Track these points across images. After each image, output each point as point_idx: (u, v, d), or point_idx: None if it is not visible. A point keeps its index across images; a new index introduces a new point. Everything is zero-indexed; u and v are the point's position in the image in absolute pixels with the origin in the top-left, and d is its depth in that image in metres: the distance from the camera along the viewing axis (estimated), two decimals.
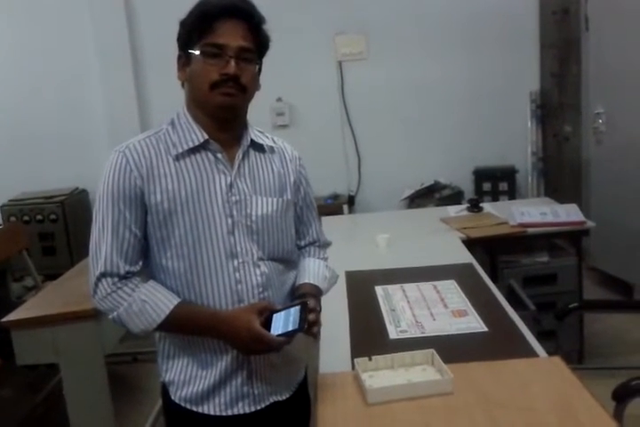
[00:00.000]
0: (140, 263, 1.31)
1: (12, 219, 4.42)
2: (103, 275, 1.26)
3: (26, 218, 4.44)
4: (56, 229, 4.48)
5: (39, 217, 4.45)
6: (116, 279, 1.26)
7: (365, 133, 4.76)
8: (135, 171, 1.27)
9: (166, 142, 1.32)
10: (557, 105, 4.45)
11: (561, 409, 1.33)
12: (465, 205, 3.20)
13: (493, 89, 4.67)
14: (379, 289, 2.14)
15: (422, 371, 1.52)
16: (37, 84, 4.59)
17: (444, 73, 4.63)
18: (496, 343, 1.70)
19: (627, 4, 3.40)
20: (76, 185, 4.71)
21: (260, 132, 1.43)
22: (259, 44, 1.32)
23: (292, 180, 1.42)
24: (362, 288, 2.16)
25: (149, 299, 1.26)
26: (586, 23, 3.84)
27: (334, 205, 4.48)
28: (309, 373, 1.53)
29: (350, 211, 4.64)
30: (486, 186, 4.65)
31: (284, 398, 1.39)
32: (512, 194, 4.62)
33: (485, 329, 1.77)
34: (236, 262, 1.31)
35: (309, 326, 1.25)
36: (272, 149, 1.42)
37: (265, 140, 1.41)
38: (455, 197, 4.31)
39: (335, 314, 1.90)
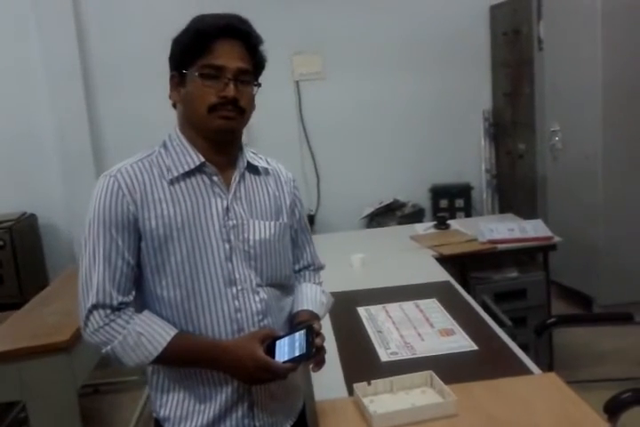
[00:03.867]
0: (133, 293, 1.24)
1: None
2: (95, 307, 1.18)
3: None
4: (3, 256, 4.25)
5: None
6: (108, 311, 1.19)
7: (323, 153, 4.77)
8: (128, 196, 1.21)
9: (160, 166, 1.26)
10: (510, 123, 4.57)
11: (567, 425, 1.33)
12: (432, 223, 3.22)
13: (447, 108, 4.76)
14: (361, 310, 2.12)
15: (422, 393, 1.49)
16: None
17: (400, 92, 4.70)
18: (489, 361, 1.69)
19: (578, 25, 3.54)
20: (24, 209, 4.49)
21: (253, 153, 1.39)
22: (256, 64, 1.29)
23: (287, 202, 1.39)
24: (344, 310, 2.12)
25: (145, 331, 1.19)
26: (539, 44, 3.97)
27: None
28: (306, 400, 1.48)
29: (311, 230, 4.60)
30: (443, 203, 4.72)
31: None
32: (468, 210, 4.71)
33: (475, 347, 1.77)
34: (234, 290, 1.25)
35: (317, 350, 1.20)
36: (267, 171, 1.38)
37: (260, 162, 1.37)
38: (417, 215, 4.35)
39: None
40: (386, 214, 4.52)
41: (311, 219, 4.71)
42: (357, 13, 4.57)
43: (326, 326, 1.99)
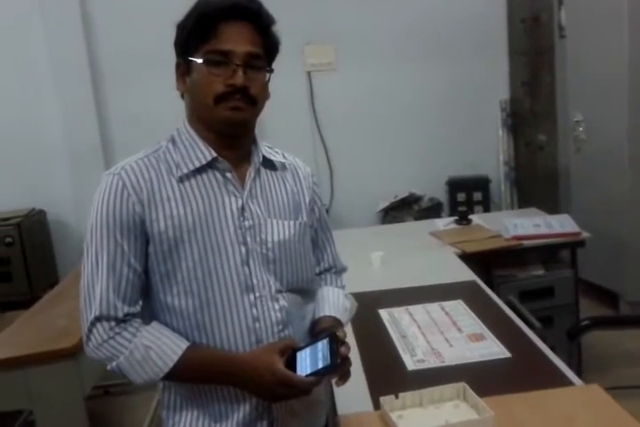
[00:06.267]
0: (140, 303, 1.13)
1: None
2: (98, 319, 1.07)
3: None
4: (12, 253, 4.17)
5: None
6: (113, 323, 1.08)
7: (336, 145, 4.63)
8: (134, 196, 1.09)
9: (167, 162, 1.14)
10: (529, 113, 4.42)
11: None
12: (453, 218, 3.09)
13: (464, 98, 4.62)
14: (383, 313, 2.00)
15: (455, 408, 1.37)
16: None
17: (414, 83, 4.56)
18: (524, 371, 1.57)
19: (603, 11, 3.38)
20: (33, 206, 4.40)
21: (269, 147, 1.27)
22: (268, 48, 1.16)
23: (306, 199, 1.27)
24: (365, 312, 1.98)
25: (154, 344, 1.08)
26: (560, 31, 3.82)
27: None
28: (329, 415, 1.36)
29: None
30: (460, 196, 4.57)
31: None
32: (487, 204, 4.56)
33: (508, 355, 1.64)
34: (252, 297, 1.14)
35: (342, 360, 1.08)
36: (284, 166, 1.26)
37: (276, 156, 1.25)
38: (435, 209, 4.21)
39: None
40: (402, 208, 4.39)
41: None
42: (369, 2, 4.42)
43: (348, 332, 1.87)
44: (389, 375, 1.59)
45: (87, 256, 1.10)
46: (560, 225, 2.73)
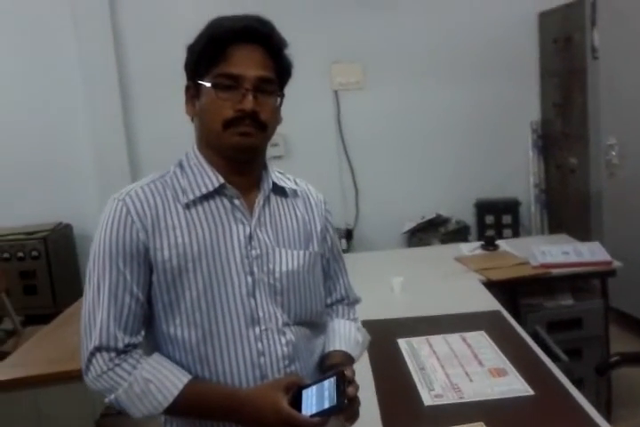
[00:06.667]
0: (142, 333, 1.09)
1: None
2: (98, 349, 1.04)
3: (5, 255, 4.16)
4: (38, 266, 4.21)
5: (20, 254, 4.17)
6: (113, 354, 1.04)
7: (363, 165, 4.59)
8: (138, 222, 1.06)
9: (174, 188, 1.11)
10: (560, 135, 4.32)
11: None
12: (479, 243, 3.01)
13: (493, 118, 4.55)
14: (402, 342, 1.93)
15: None
16: (18, 113, 4.33)
17: (443, 102, 4.50)
18: (547, 411, 1.48)
19: (637, 32, 3.30)
20: (59, 220, 4.45)
21: (280, 173, 1.23)
22: (280, 71, 1.12)
23: (318, 228, 1.22)
24: (382, 341, 1.93)
25: (154, 377, 1.04)
26: (593, 52, 3.73)
27: None
28: None
29: (349, 245, 4.43)
30: (489, 219, 4.48)
31: None
32: (516, 228, 4.46)
33: (531, 392, 1.56)
34: (257, 330, 1.09)
35: (349, 401, 1.02)
36: (295, 193, 1.22)
37: (287, 183, 1.21)
38: (462, 232, 4.12)
39: (357, 373, 1.67)
40: (428, 230, 4.31)
41: (349, 234, 4.53)
42: (398, 20, 4.40)
43: (364, 361, 1.81)
44: (404, 410, 1.52)
45: (89, 283, 1.07)
46: (590, 253, 2.63)
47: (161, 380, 1.04)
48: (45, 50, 4.28)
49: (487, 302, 2.26)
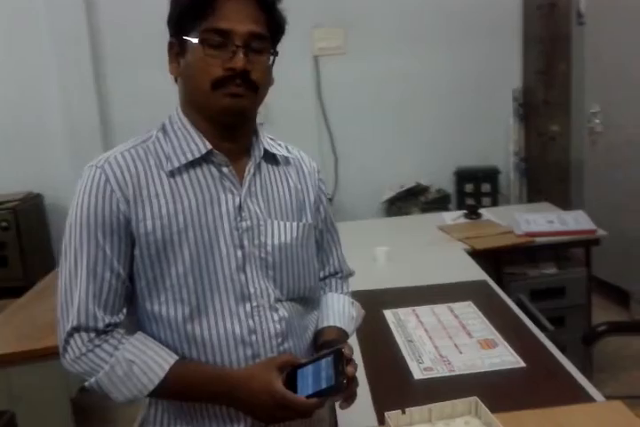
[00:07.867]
0: (124, 311, 1.02)
1: None
2: (76, 329, 0.96)
3: None
4: (8, 237, 4.07)
5: None
6: (92, 335, 0.97)
7: (342, 132, 4.50)
8: (118, 192, 0.97)
9: (157, 154, 1.02)
10: (542, 103, 4.27)
11: None
12: (461, 212, 2.98)
13: (475, 86, 4.47)
14: (388, 314, 1.89)
15: (466, 424, 1.26)
16: None
17: (425, 69, 4.41)
18: (540, 383, 1.46)
19: (625, 0, 3.23)
20: (29, 189, 4.29)
21: (271, 139, 1.15)
22: (273, 28, 1.03)
23: (311, 198, 1.15)
24: (369, 314, 1.84)
25: (138, 358, 0.97)
26: (578, 18, 3.66)
27: None
28: None
29: None
30: (468, 187, 4.45)
31: None
32: (495, 196, 4.44)
33: (523, 364, 1.54)
34: (248, 307, 1.03)
35: (348, 381, 0.97)
36: (287, 161, 1.14)
37: (279, 150, 1.13)
38: (442, 201, 4.08)
39: None
40: (408, 199, 4.26)
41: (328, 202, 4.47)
42: None
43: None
44: (395, 385, 1.49)
45: (65, 259, 0.99)
46: (575, 222, 2.61)
47: (145, 361, 0.97)
48: (12, 7, 4.05)
49: (473, 272, 2.23)
